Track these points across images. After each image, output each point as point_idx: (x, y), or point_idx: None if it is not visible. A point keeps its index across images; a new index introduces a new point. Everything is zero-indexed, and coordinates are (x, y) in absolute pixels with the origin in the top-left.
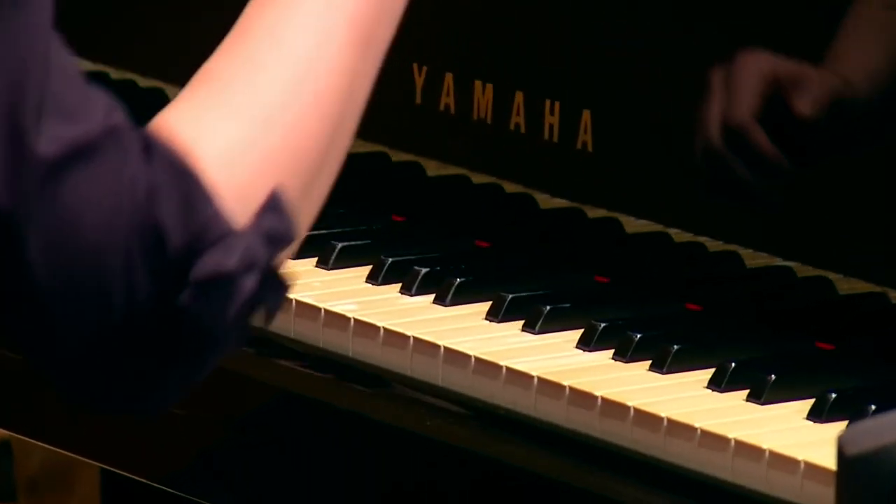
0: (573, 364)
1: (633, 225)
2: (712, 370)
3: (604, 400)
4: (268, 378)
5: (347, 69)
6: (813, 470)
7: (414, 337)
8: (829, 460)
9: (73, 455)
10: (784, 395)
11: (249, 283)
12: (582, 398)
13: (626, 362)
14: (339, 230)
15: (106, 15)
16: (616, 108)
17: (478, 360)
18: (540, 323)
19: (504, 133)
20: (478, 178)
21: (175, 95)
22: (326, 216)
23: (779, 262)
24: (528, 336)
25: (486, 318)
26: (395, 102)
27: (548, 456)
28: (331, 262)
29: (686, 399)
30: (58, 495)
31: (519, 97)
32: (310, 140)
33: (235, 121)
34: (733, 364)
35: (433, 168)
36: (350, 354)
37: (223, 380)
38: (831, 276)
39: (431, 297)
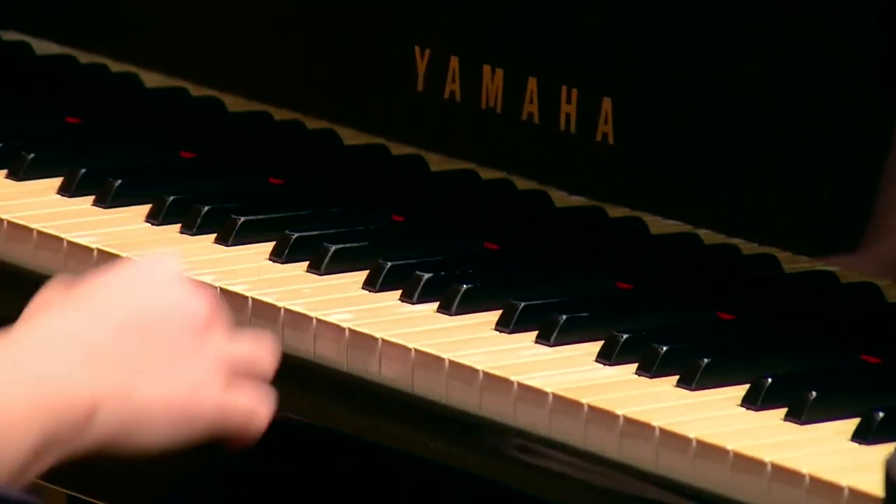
0: (592, 379)
1: (659, 225)
2: (747, 386)
3: (626, 419)
4: None
5: None
6: (858, 497)
7: (416, 349)
8: (875, 486)
9: (39, 482)
10: (826, 413)
11: None
12: (602, 417)
13: (651, 377)
14: (333, 231)
15: None
16: (640, 95)
17: (486, 374)
18: (555, 334)
19: (516, 123)
20: (486, 174)
21: (149, 80)
22: (318, 216)
23: (820, 266)
24: (543, 348)
25: (496, 329)
26: (394, 89)
27: (564, 480)
28: (323, 266)
29: (717, 418)
30: None
31: (532, 84)
32: None
33: None
34: (770, 379)
35: (437, 162)
36: (345, 369)
37: None
38: (878, 282)
39: (435, 304)
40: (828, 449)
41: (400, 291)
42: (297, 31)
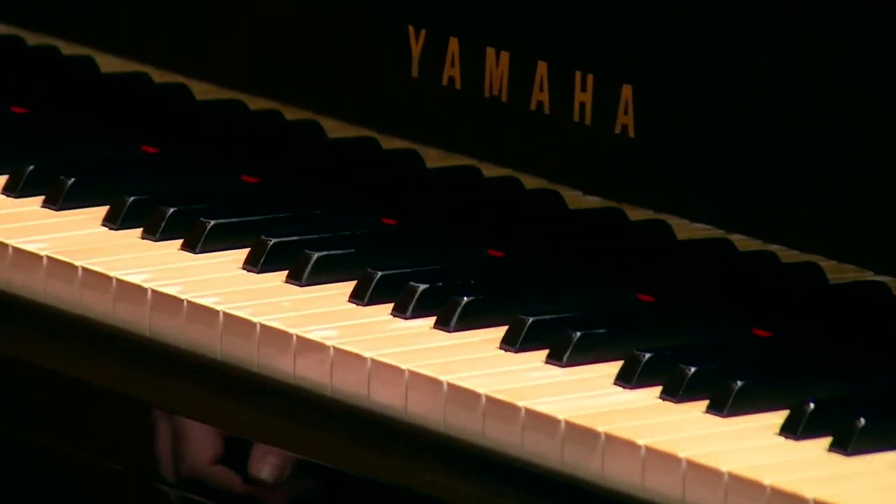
0: (610, 405)
1: (686, 229)
2: (786, 412)
3: (649, 450)
4: (223, 422)
5: None
6: None
7: (409, 370)
8: None
9: None
10: (876, 443)
11: None
12: (621, 447)
13: (677, 402)
14: (316, 236)
15: None
16: (664, 82)
17: (490, 399)
18: (568, 353)
19: (523, 114)
20: (490, 171)
21: (106, 65)
22: (299, 219)
23: (870, 276)
24: (554, 369)
25: (501, 347)
26: (385, 75)
27: None
28: (305, 276)
29: (752, 449)
30: None
31: (542, 69)
32: None
33: None
34: (812, 404)
35: (434, 158)
36: (329, 394)
37: (164, 429)
38: None
39: (432, 319)
40: (878, 484)
41: (392, 305)
42: (274, 8)
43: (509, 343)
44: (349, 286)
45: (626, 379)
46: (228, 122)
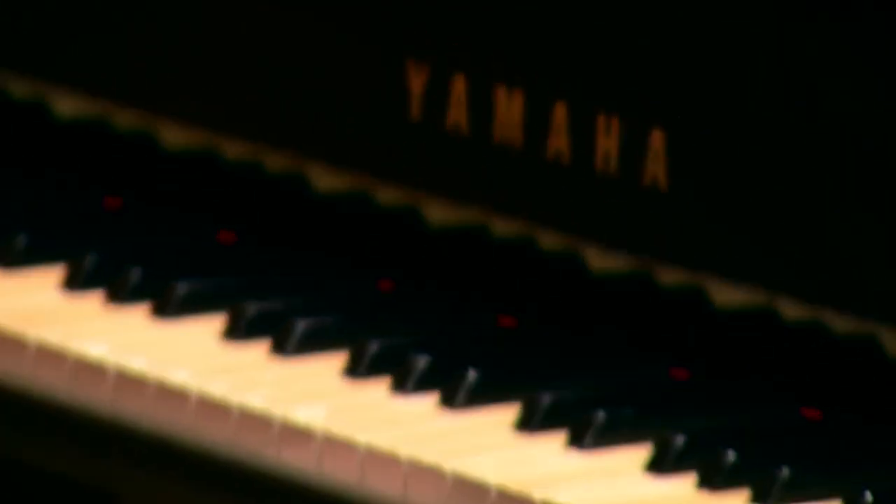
0: (639, 496)
1: (725, 295)
2: None
3: None
4: None
5: None
6: None
7: (409, 458)
8: None
9: None
10: None
11: None
12: None
13: (715, 493)
14: (303, 301)
15: None
16: (698, 126)
17: (502, 491)
18: (591, 436)
19: (539, 163)
20: (500, 228)
21: (62, 107)
22: (283, 281)
23: None
24: (575, 455)
25: (515, 429)
26: (381, 118)
27: None
28: (290, 347)
29: None
30: None
31: (560, 111)
32: None
33: None
34: (869, 495)
35: (436, 213)
36: (318, 484)
37: None
38: None
39: (435, 397)
40: None
41: (389, 380)
42: (252, 41)
43: (523, 425)
44: (341, 358)
45: (657, 466)
46: (202, 173)
